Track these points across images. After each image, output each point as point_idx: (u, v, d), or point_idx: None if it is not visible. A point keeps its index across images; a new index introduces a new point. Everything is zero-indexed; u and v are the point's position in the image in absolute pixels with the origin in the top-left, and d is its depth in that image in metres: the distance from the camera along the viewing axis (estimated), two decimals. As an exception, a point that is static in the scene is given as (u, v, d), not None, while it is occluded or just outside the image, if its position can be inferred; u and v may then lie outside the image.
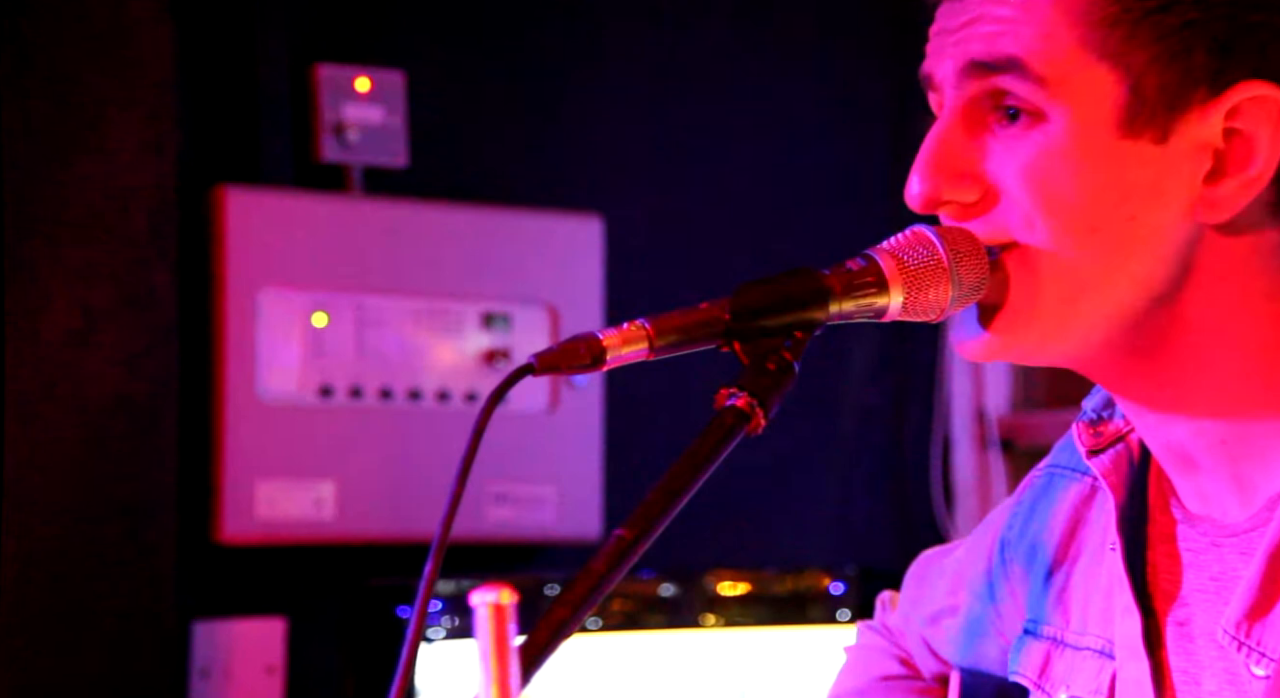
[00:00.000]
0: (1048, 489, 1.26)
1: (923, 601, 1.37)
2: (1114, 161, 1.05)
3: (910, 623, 1.38)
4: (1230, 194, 1.06)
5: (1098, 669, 1.17)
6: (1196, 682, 1.12)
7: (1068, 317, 1.08)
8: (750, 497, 2.36)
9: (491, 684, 0.79)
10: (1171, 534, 1.14)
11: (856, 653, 1.42)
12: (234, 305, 2.12)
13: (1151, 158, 1.05)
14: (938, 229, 1.08)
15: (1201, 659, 1.12)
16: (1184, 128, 1.05)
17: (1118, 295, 1.07)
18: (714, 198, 2.45)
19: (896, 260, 1.07)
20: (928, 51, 1.10)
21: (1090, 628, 1.18)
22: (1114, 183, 1.05)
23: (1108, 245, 1.06)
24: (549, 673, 0.96)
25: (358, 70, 2.22)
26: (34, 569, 1.98)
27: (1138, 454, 1.17)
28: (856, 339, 2.48)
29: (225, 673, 2.13)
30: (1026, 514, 1.28)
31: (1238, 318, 1.08)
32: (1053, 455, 1.28)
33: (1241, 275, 1.08)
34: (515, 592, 0.79)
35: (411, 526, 2.17)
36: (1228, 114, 1.05)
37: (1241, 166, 1.05)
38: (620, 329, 1.02)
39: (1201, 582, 1.12)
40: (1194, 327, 1.08)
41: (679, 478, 0.99)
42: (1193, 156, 1.06)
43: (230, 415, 2.12)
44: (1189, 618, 1.13)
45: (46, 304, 1.99)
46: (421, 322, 2.22)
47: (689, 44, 2.45)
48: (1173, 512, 1.15)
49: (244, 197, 2.14)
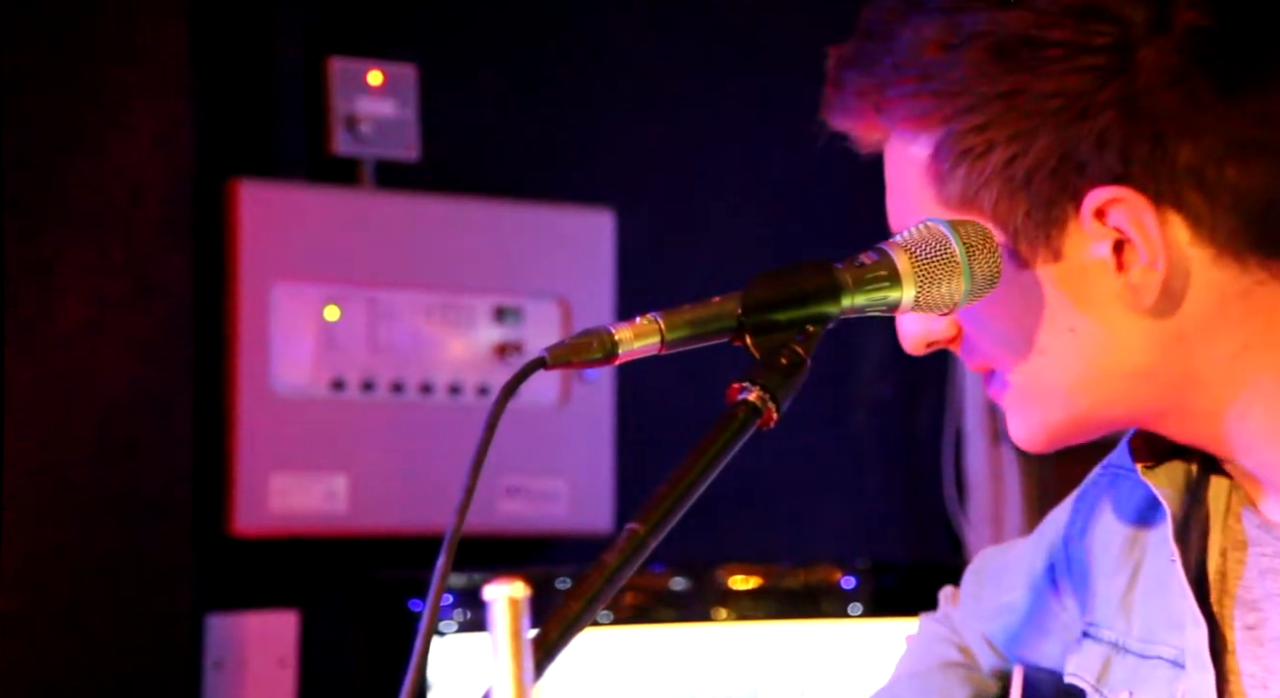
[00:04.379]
0: (1112, 489, 1.27)
1: (984, 597, 1.39)
2: (1028, 291, 1.10)
3: (971, 619, 1.40)
4: (1142, 281, 1.09)
5: (1169, 679, 1.17)
6: (1265, 686, 1.12)
7: (1069, 415, 1.14)
8: (762, 491, 2.36)
9: (505, 678, 0.79)
10: (1243, 542, 1.15)
11: (917, 640, 1.44)
12: (247, 298, 2.13)
13: (1058, 276, 1.10)
14: (952, 223, 1.08)
15: (1273, 664, 1.12)
16: (1070, 242, 1.09)
17: (1102, 386, 1.12)
18: (727, 191, 2.45)
19: (909, 254, 1.07)
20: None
21: (1159, 636, 1.19)
22: (1037, 308, 1.10)
23: (1063, 357, 1.11)
24: (562, 667, 0.97)
25: (370, 63, 2.22)
26: (47, 561, 1.98)
27: (1196, 466, 1.18)
28: (868, 333, 2.48)
29: (239, 665, 2.14)
30: (1088, 513, 1.28)
31: (1245, 357, 1.11)
32: (1115, 455, 1.28)
33: (1220, 321, 1.10)
34: (528, 585, 0.80)
35: (424, 519, 2.17)
36: (1096, 217, 1.08)
37: (1135, 258, 1.09)
38: (632, 323, 1.03)
39: (1275, 587, 1.13)
40: (1208, 381, 1.11)
41: (691, 472, 1.00)
42: (1095, 260, 1.09)
43: (243, 409, 2.12)
44: (1261, 623, 1.13)
45: (61, 295, 1.99)
46: (433, 315, 2.22)
47: (701, 40, 2.45)
48: (1244, 520, 1.15)
49: (257, 189, 2.14)
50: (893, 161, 1.15)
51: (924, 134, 1.11)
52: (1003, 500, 2.56)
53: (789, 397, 1.03)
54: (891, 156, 1.15)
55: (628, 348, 1.02)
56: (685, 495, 0.99)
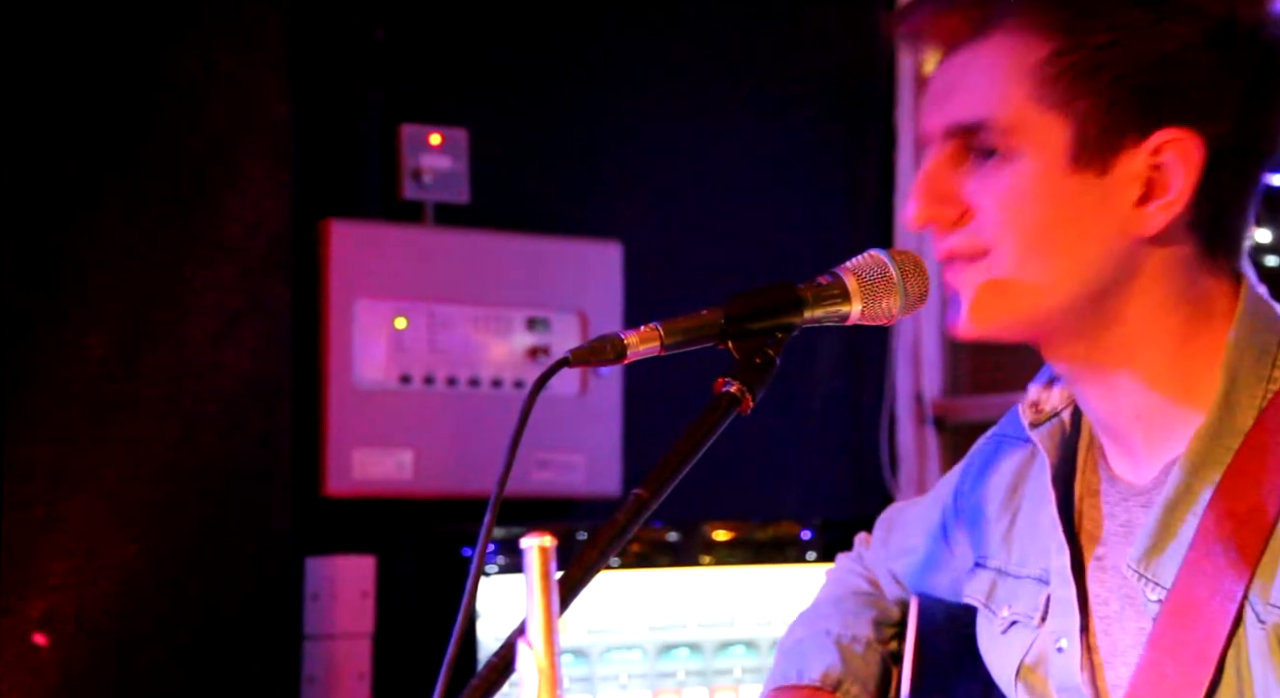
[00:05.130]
0: (996, 453, 1.27)
1: (891, 542, 1.39)
2: (1066, 192, 1.06)
3: (880, 559, 1.39)
4: (1155, 214, 1.06)
5: (1035, 592, 1.17)
6: (1106, 603, 1.12)
7: (1028, 309, 1.08)
8: (739, 463, 2.35)
9: (537, 611, 0.78)
10: (1097, 490, 1.15)
11: (835, 573, 1.43)
12: (335, 312, 2.12)
13: (1094, 187, 1.05)
14: (890, 252, 1.07)
15: (1111, 587, 1.12)
16: (1119, 163, 1.05)
17: (1068, 292, 1.07)
18: (712, 224, 2.45)
19: (857, 277, 1.07)
20: (921, 116, 1.12)
21: (1030, 561, 1.19)
22: (1066, 208, 1.06)
23: (1061, 257, 1.06)
24: (582, 601, 0.96)
25: (432, 128, 2.22)
26: (181, 516, 1.98)
27: (1069, 427, 1.17)
28: (823, 339, 2.47)
29: (330, 597, 2.13)
30: (977, 473, 1.28)
31: (1158, 316, 1.08)
32: (1000, 426, 1.28)
33: (1164, 280, 1.08)
34: (554, 538, 0.79)
35: (472, 484, 2.16)
36: (1152, 151, 1.05)
37: (1163, 193, 1.05)
38: (638, 330, 1.02)
39: (1115, 528, 1.13)
40: (1127, 320, 1.08)
41: (684, 448, 0.99)
42: (1127, 185, 1.06)
43: (332, 398, 2.12)
44: (1105, 555, 1.13)
45: (193, 310, 2.00)
46: (480, 324, 2.22)
47: (696, 100, 2.44)
48: (1100, 472, 1.15)
49: (343, 227, 2.14)
50: (979, 57, 1.06)
51: (1039, 38, 1.04)
52: (925, 471, 2.55)
53: (762, 389, 1.02)
54: (981, 52, 1.06)
55: (634, 350, 1.01)
56: (680, 467, 0.99)
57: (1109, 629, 1.11)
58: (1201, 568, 1.04)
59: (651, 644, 2.00)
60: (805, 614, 1.38)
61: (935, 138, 1.09)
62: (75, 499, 1.92)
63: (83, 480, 1.92)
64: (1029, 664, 1.16)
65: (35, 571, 1.89)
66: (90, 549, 1.92)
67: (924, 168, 1.09)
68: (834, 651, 1.30)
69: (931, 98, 1.09)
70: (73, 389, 1.93)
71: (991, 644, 1.21)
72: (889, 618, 1.35)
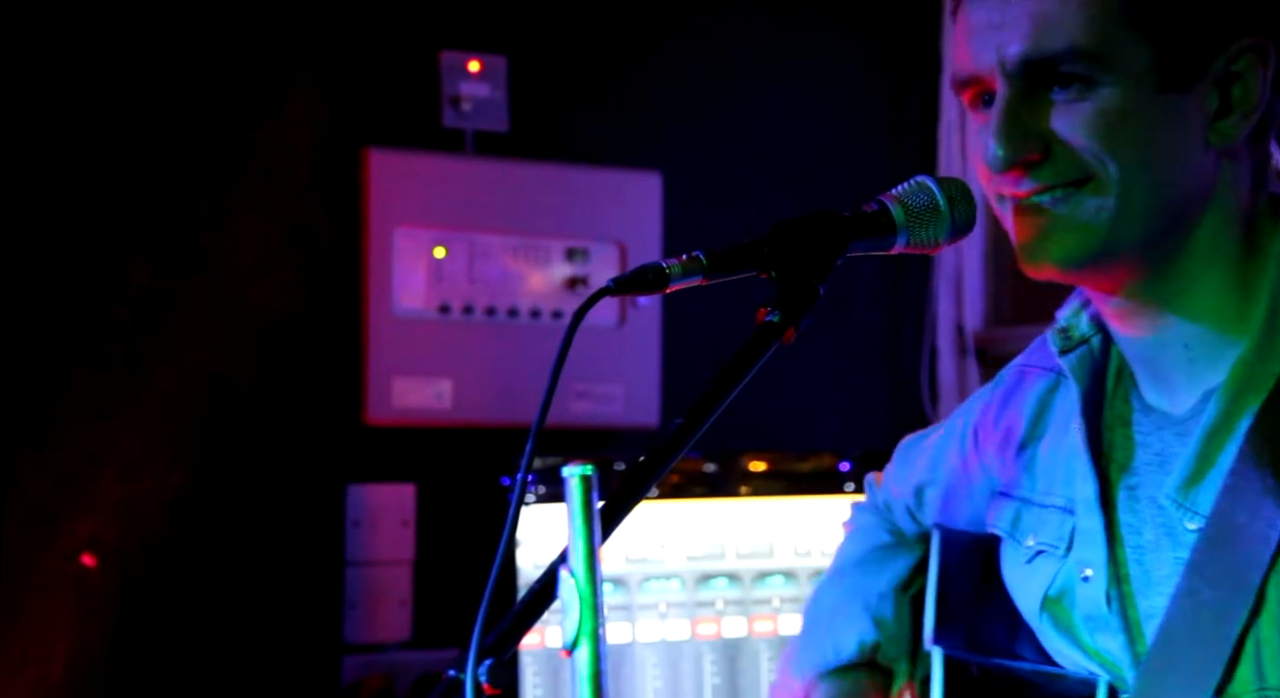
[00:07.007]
0: (1020, 383, 1.25)
1: (907, 476, 1.37)
2: (1154, 113, 1.04)
3: (895, 493, 1.37)
4: (1234, 125, 1.05)
5: (1060, 522, 1.17)
6: (1139, 532, 1.12)
7: (1121, 238, 1.05)
8: (779, 394, 2.34)
9: (579, 539, 0.78)
10: (1128, 420, 1.14)
11: (854, 529, 1.41)
12: (375, 241, 2.12)
13: (1180, 105, 1.04)
14: (937, 179, 1.05)
15: (1145, 516, 1.12)
16: (1200, 77, 1.04)
17: (1163, 215, 1.05)
18: (753, 155, 2.42)
19: (903, 204, 1.05)
20: (968, 52, 1.07)
21: (1055, 490, 1.18)
22: (1159, 129, 1.04)
23: (1159, 178, 1.04)
24: (620, 531, 0.95)
25: (471, 55, 2.20)
26: (226, 438, 2.01)
27: (1100, 355, 1.16)
28: (864, 270, 2.45)
29: (371, 525, 2.15)
30: (1000, 404, 1.27)
31: (1220, 241, 1.07)
32: (1024, 356, 1.27)
33: (1230, 200, 1.07)
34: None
35: (511, 414, 2.17)
36: (1230, 61, 1.04)
37: (1242, 103, 1.04)
38: (680, 259, 1.01)
39: (1149, 457, 1.12)
40: (1193, 249, 1.07)
41: (726, 379, 0.98)
42: (1207, 98, 1.04)
43: (372, 327, 2.12)
44: (1138, 484, 1.12)
45: (234, 237, 2.01)
46: (518, 254, 2.21)
47: (738, 29, 2.41)
48: (1131, 402, 1.14)
49: (383, 156, 2.13)
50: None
51: None
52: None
53: (805, 320, 1.01)
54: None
55: (677, 278, 1.00)
56: (722, 398, 0.98)
57: (1142, 559, 1.10)
58: (1241, 495, 1.03)
59: (690, 574, 2.01)
60: (830, 580, 1.38)
61: (998, 71, 1.05)
62: (120, 426, 1.94)
63: (127, 408, 1.94)
64: (1053, 595, 1.16)
65: (83, 495, 1.92)
66: (135, 476, 1.94)
67: (1001, 107, 1.05)
68: (864, 616, 1.30)
69: (986, 29, 1.05)
70: (116, 316, 1.95)
71: (1016, 574, 1.20)
72: (913, 562, 1.34)
